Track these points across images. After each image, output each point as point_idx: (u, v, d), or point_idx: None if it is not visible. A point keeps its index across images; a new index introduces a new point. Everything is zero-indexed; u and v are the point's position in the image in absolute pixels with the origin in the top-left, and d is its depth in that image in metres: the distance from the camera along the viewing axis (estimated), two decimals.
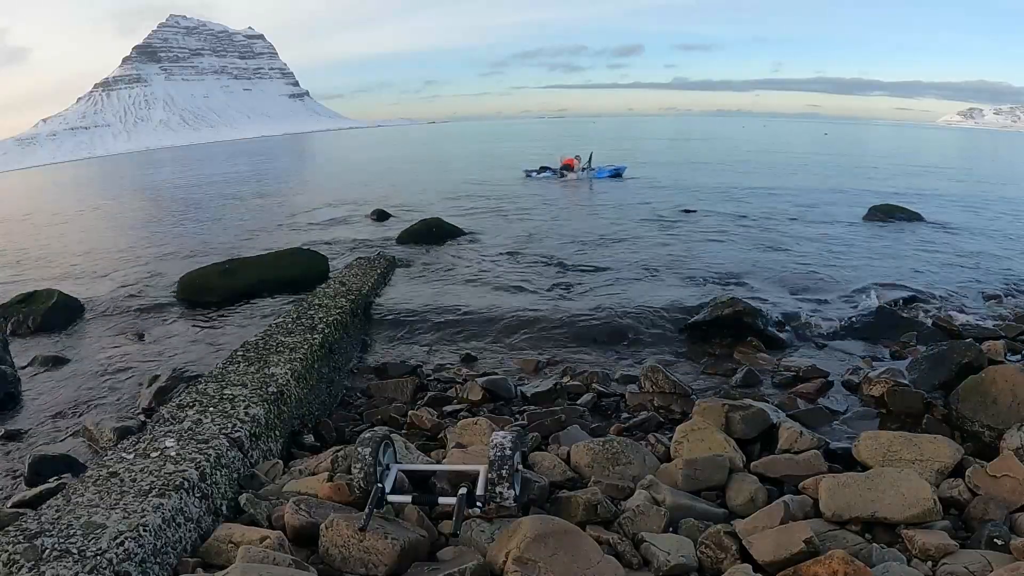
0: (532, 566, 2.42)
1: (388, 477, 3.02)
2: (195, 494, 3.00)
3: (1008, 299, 7.91)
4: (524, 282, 9.21)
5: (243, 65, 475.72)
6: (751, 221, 13.85)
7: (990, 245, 11.24)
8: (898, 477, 3.02)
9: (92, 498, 2.80)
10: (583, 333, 6.90)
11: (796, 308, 7.62)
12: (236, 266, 9.74)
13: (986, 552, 2.65)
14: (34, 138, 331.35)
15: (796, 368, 5.72)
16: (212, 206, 21.22)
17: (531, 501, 3.11)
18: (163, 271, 11.08)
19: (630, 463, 3.56)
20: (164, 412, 3.87)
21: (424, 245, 12.01)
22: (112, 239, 15.65)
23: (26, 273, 11.93)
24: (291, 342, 5.29)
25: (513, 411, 5.03)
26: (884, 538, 2.83)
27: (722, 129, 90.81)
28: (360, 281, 8.01)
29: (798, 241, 11.66)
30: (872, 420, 4.67)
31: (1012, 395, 4.12)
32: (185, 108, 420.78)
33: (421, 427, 4.56)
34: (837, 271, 9.40)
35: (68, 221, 20.65)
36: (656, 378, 5.29)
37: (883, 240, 11.74)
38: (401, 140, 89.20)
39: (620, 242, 11.82)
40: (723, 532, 2.78)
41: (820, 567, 2.43)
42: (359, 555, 2.59)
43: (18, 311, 8.46)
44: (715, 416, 4.09)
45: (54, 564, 2.34)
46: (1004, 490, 3.13)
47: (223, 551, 2.74)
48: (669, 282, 8.94)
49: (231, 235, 15.02)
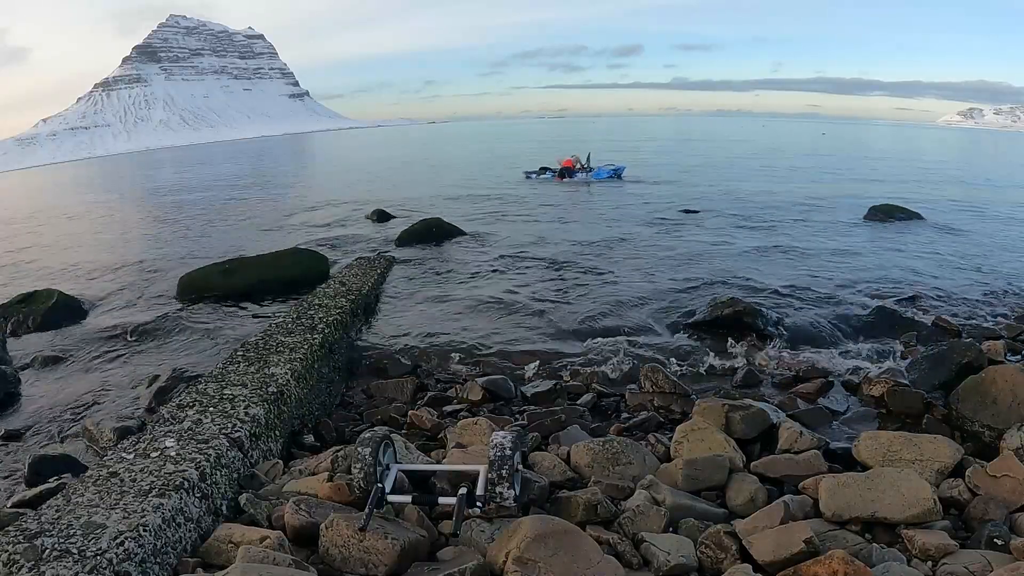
0: (532, 566, 2.42)
1: (388, 477, 3.02)
2: (195, 494, 3.00)
3: (1008, 299, 7.91)
4: (524, 282, 9.22)
5: (243, 65, 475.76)
6: (751, 221, 13.85)
7: (990, 245, 11.24)
8: (898, 477, 3.02)
9: (92, 498, 2.80)
10: (583, 333, 6.90)
11: (796, 308, 7.62)
12: (236, 266, 9.74)
13: (986, 552, 2.65)
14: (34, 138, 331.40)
15: (796, 368, 5.73)
16: (212, 206, 21.21)
17: (531, 501, 3.11)
18: (163, 271, 11.07)
19: (630, 463, 3.56)
20: (164, 412, 3.87)
21: (424, 245, 12.01)
22: (112, 239, 15.64)
23: (26, 273, 11.92)
24: (291, 342, 5.29)
25: (513, 411, 5.03)
26: (884, 538, 2.84)
27: (721, 129, 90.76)
28: (360, 281, 8.01)
29: (798, 241, 11.66)
30: (872, 420, 4.67)
31: (1012, 395, 4.13)
32: (185, 108, 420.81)
33: (421, 427, 4.56)
34: (837, 271, 9.40)
35: (68, 221, 20.64)
36: (656, 378, 5.29)
37: (883, 240, 11.74)
38: (401, 140, 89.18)
39: (620, 242, 11.82)
40: (723, 532, 2.78)
41: (820, 567, 2.43)
42: (359, 555, 2.59)
43: (18, 311, 8.47)
44: (715, 416, 4.09)
45: (54, 564, 2.34)
46: (1004, 490, 3.13)
47: (223, 551, 2.74)
48: (669, 282, 8.94)
49: (231, 235, 15.02)
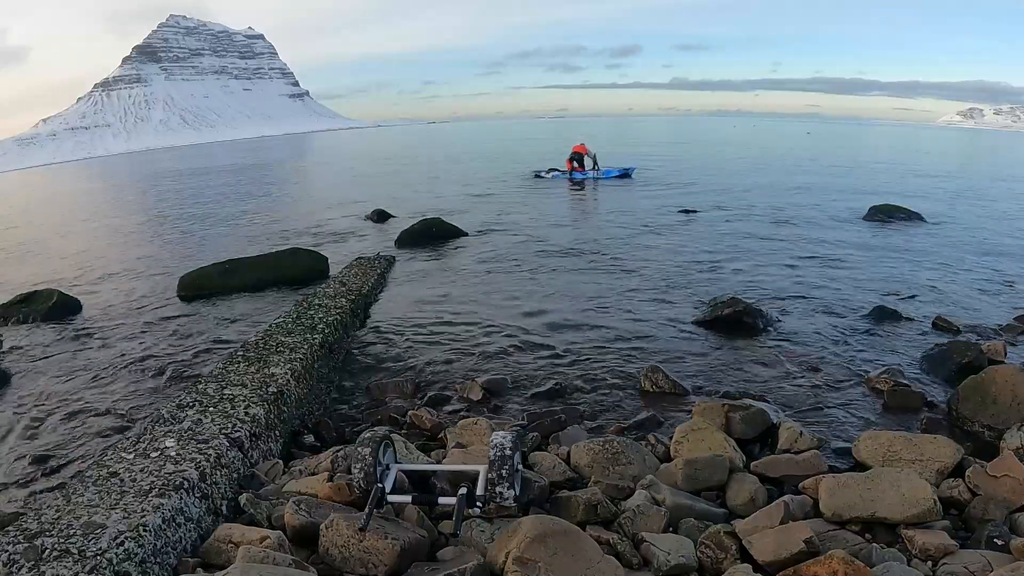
0: (532, 566, 2.42)
1: (388, 477, 3.02)
2: (195, 494, 3.00)
3: (1008, 299, 7.90)
4: (524, 282, 9.21)
5: (243, 65, 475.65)
6: (751, 221, 13.84)
7: (991, 245, 11.23)
8: (898, 477, 3.02)
9: (92, 498, 2.80)
10: (583, 332, 6.89)
11: (796, 307, 7.62)
12: (236, 266, 9.74)
13: (986, 552, 2.66)
14: (34, 138, 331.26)
15: (796, 367, 5.73)
16: (212, 206, 21.20)
17: (531, 501, 3.11)
18: (163, 270, 11.07)
19: (630, 463, 3.56)
20: (164, 412, 3.87)
21: (424, 245, 12.00)
22: (112, 238, 15.64)
23: (26, 273, 11.92)
24: (291, 342, 5.29)
25: (513, 411, 5.03)
26: (884, 538, 2.84)
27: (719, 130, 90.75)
28: (360, 281, 8.02)
29: (798, 240, 11.66)
30: (872, 420, 4.67)
31: (1012, 395, 4.13)
32: (185, 108, 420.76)
33: (421, 427, 4.56)
34: (837, 271, 9.40)
35: (68, 221, 20.64)
36: (656, 378, 5.30)
37: (883, 240, 11.73)
38: (401, 140, 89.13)
39: (620, 242, 11.81)
40: (723, 532, 2.78)
41: (820, 567, 2.43)
42: (359, 555, 2.59)
43: (18, 311, 8.47)
44: (715, 416, 4.09)
45: (54, 564, 2.34)
46: (1004, 490, 3.13)
47: (223, 551, 2.73)
48: (669, 282, 8.94)
49: (231, 234, 15.01)
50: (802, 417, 4.60)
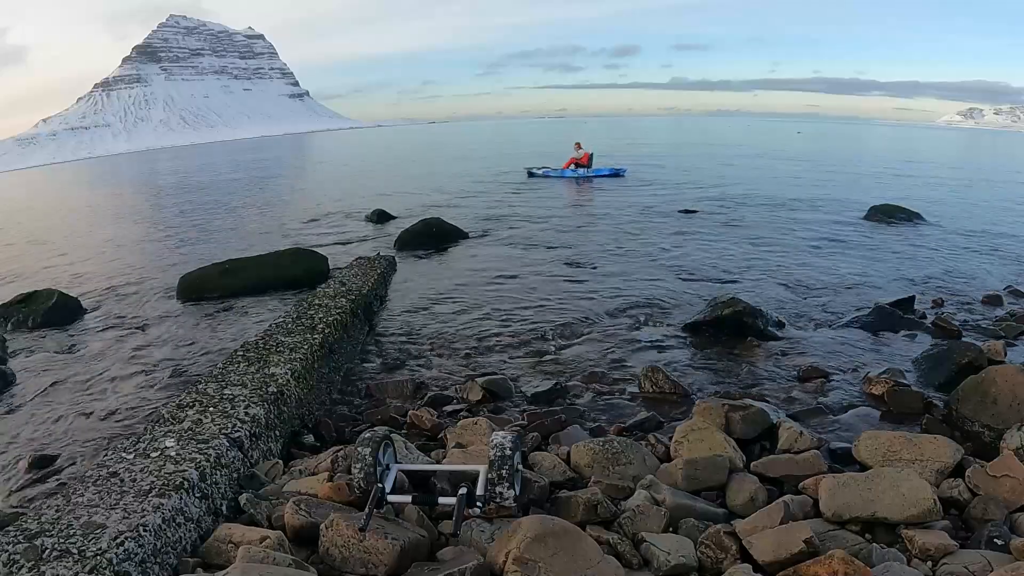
0: (532, 566, 2.42)
1: (388, 477, 3.02)
2: (195, 494, 3.00)
3: (1008, 299, 7.91)
4: (524, 282, 9.21)
5: (243, 65, 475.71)
6: (751, 221, 13.84)
7: (991, 245, 11.23)
8: (898, 477, 3.01)
9: (92, 498, 2.80)
10: (583, 332, 6.90)
11: (796, 308, 7.62)
12: (236, 266, 9.73)
13: (986, 552, 2.65)
14: (34, 138, 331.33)
15: (796, 368, 5.73)
16: (212, 206, 21.21)
17: (531, 501, 3.11)
18: (163, 271, 11.06)
19: (630, 463, 3.56)
20: (164, 412, 3.87)
21: (424, 246, 12.00)
22: (112, 238, 15.62)
23: (26, 273, 11.92)
24: (291, 342, 5.29)
25: (513, 411, 5.03)
26: (884, 538, 2.83)
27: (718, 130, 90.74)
28: (360, 281, 8.01)
29: (798, 240, 11.66)
30: (872, 420, 4.67)
31: (1012, 395, 4.12)
32: (185, 108, 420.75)
33: (421, 427, 4.55)
34: (837, 270, 9.40)
35: (68, 221, 20.65)
36: (656, 378, 5.29)
37: (883, 240, 11.73)
38: (401, 140, 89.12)
39: (621, 242, 11.81)
40: (723, 532, 2.78)
41: (820, 567, 2.43)
42: (359, 555, 2.59)
43: (18, 311, 8.46)
44: (715, 416, 4.09)
45: (54, 564, 2.34)
46: (1004, 490, 3.13)
47: (223, 551, 2.74)
48: (669, 282, 8.94)
49: (231, 234, 15.01)
50: (802, 417, 4.59)
